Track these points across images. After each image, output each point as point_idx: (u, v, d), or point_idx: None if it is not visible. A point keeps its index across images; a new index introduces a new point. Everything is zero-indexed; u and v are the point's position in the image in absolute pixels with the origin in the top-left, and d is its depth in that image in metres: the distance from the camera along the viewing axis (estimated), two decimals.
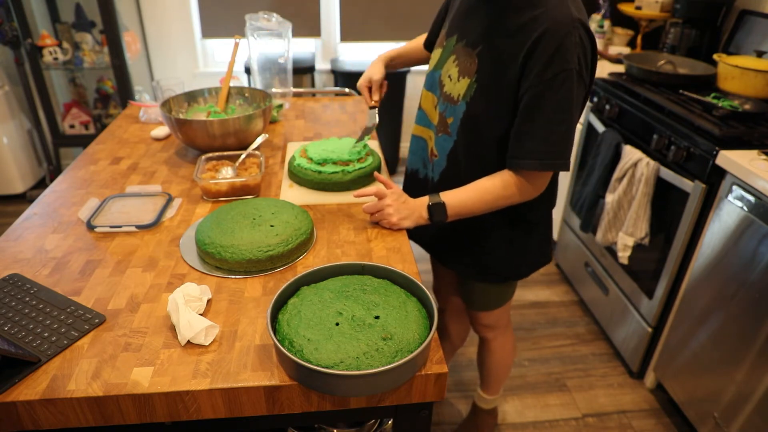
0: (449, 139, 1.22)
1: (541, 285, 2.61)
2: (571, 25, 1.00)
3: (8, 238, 1.14)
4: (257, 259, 1.03)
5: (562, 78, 1.01)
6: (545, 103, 1.03)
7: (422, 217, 1.16)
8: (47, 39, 2.91)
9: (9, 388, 0.77)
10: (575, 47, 1.01)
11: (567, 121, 1.05)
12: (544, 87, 1.02)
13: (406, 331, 0.82)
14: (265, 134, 1.53)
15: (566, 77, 1.01)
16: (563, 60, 1.00)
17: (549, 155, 1.07)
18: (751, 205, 1.49)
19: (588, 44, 1.04)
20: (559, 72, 1.01)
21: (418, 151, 1.37)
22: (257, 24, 1.83)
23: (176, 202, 1.28)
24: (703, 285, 1.68)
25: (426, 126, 1.32)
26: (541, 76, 1.02)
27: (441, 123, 1.24)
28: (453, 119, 1.20)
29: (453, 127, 1.20)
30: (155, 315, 0.92)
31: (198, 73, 3.38)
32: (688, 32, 2.35)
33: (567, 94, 1.03)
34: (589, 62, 1.06)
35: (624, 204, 1.96)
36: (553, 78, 1.01)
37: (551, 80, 1.01)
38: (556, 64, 1.00)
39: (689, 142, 1.70)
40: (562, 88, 1.02)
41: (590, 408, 1.94)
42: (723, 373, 1.60)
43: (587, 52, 1.04)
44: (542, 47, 1.01)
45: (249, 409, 0.81)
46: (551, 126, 1.05)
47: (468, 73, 1.14)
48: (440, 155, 1.27)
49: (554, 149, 1.07)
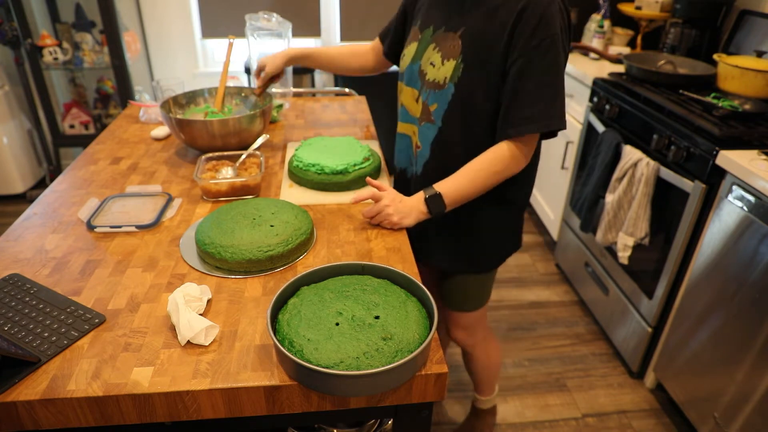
0: (432, 126, 1.24)
1: (541, 285, 2.61)
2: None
3: (8, 238, 1.14)
4: (257, 259, 1.03)
5: (548, 43, 1.06)
6: (534, 68, 1.08)
7: (422, 212, 1.17)
8: (47, 39, 2.91)
9: (9, 388, 0.77)
10: (557, 14, 1.07)
11: (556, 83, 1.10)
12: (531, 54, 1.07)
13: (406, 331, 0.82)
14: (266, 135, 1.53)
15: (551, 42, 1.07)
16: (547, 26, 1.06)
17: (545, 116, 1.11)
18: (751, 205, 1.49)
19: (565, 12, 1.11)
20: (545, 38, 1.06)
21: (404, 149, 1.38)
22: (257, 24, 1.83)
23: (176, 202, 1.28)
24: (703, 285, 1.68)
25: (409, 122, 1.33)
26: (527, 44, 1.06)
27: (424, 112, 1.25)
28: (437, 105, 1.21)
29: (437, 114, 1.22)
30: (155, 315, 0.92)
31: (198, 73, 3.38)
32: (688, 32, 2.35)
33: (554, 58, 1.08)
34: (566, 29, 1.12)
35: (624, 204, 1.96)
36: (539, 44, 1.06)
37: (538, 46, 1.06)
38: (542, 31, 1.06)
39: (689, 142, 1.70)
40: (549, 53, 1.07)
41: (590, 408, 1.94)
42: (723, 373, 1.60)
43: (565, 18, 1.11)
44: (527, 17, 1.06)
45: (249, 409, 0.81)
46: (543, 89, 1.09)
47: (453, 55, 1.16)
48: (423, 145, 1.28)
49: (549, 110, 1.10)
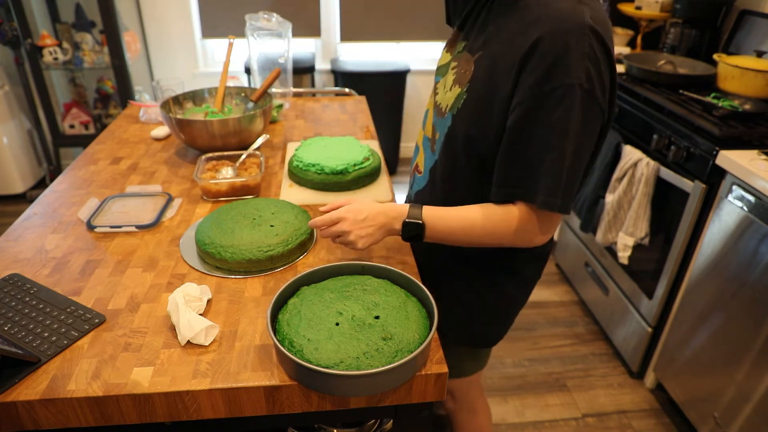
0: (432, 156, 1.08)
1: (541, 285, 2.61)
2: (579, 31, 0.80)
3: (8, 238, 1.14)
4: (257, 259, 1.03)
5: (561, 94, 0.81)
6: (538, 123, 0.84)
7: (393, 229, 0.96)
8: (47, 39, 2.91)
9: (9, 388, 0.77)
10: (583, 58, 0.80)
11: (563, 148, 0.83)
12: (537, 102, 0.83)
13: (406, 331, 0.82)
14: (266, 135, 1.53)
15: (566, 93, 0.81)
16: (564, 72, 0.81)
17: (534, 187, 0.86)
18: (751, 205, 1.49)
19: (603, 57, 0.83)
20: (558, 86, 0.81)
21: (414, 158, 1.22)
22: (257, 24, 1.83)
23: (176, 202, 1.28)
24: (703, 285, 1.68)
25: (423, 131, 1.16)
26: (534, 89, 0.83)
27: (432, 137, 1.08)
28: (439, 135, 1.04)
29: (438, 144, 1.05)
30: (155, 315, 0.92)
31: (198, 73, 3.38)
32: (688, 32, 2.35)
33: (566, 114, 0.82)
34: (606, 81, 0.84)
35: (624, 204, 1.96)
36: (550, 93, 0.82)
37: (547, 96, 0.82)
38: (555, 76, 0.81)
39: (689, 142, 1.70)
40: (560, 107, 0.82)
41: (590, 408, 1.94)
42: (723, 373, 1.60)
43: (601, 66, 0.82)
44: (540, 52, 0.82)
45: (249, 409, 0.81)
46: (541, 151, 0.85)
47: (461, 82, 0.97)
48: (424, 171, 1.12)
49: (539, 181, 0.86)
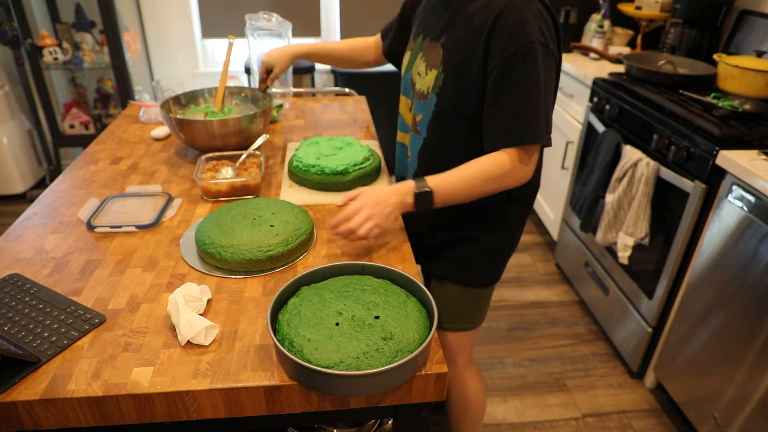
0: (419, 137, 1.24)
1: (541, 285, 2.61)
2: (527, 1, 1.02)
3: (8, 238, 1.14)
4: (257, 259, 1.03)
5: (525, 51, 1.01)
6: (512, 78, 1.03)
7: (407, 206, 1.07)
8: (47, 39, 2.91)
9: (9, 388, 0.77)
10: (535, 20, 1.01)
11: (537, 93, 1.04)
12: (508, 63, 1.02)
13: (406, 331, 0.82)
14: (266, 135, 1.53)
15: (529, 50, 1.01)
16: (524, 33, 1.00)
17: (521, 130, 1.05)
18: (751, 205, 1.49)
19: (549, 17, 1.05)
20: (521, 46, 1.00)
21: (401, 158, 1.37)
22: (257, 24, 1.83)
23: (176, 202, 1.28)
24: (703, 285, 1.68)
25: (404, 131, 1.33)
26: (504, 53, 1.02)
27: (413, 123, 1.26)
28: (422, 116, 1.21)
29: (422, 124, 1.22)
30: (155, 315, 0.92)
31: (198, 73, 3.38)
32: (688, 32, 2.35)
33: (532, 66, 1.02)
34: (553, 35, 1.06)
35: (624, 204, 1.96)
36: (515, 53, 1.01)
37: (514, 55, 1.01)
38: (518, 38, 1.00)
39: (689, 142, 1.70)
40: (526, 61, 1.01)
41: (590, 408, 1.94)
42: (723, 373, 1.60)
43: (549, 24, 1.05)
44: (501, 24, 1.01)
45: (249, 409, 0.81)
46: (521, 100, 1.04)
47: (434, 64, 1.15)
48: (412, 155, 1.28)
49: (526, 123, 1.05)
